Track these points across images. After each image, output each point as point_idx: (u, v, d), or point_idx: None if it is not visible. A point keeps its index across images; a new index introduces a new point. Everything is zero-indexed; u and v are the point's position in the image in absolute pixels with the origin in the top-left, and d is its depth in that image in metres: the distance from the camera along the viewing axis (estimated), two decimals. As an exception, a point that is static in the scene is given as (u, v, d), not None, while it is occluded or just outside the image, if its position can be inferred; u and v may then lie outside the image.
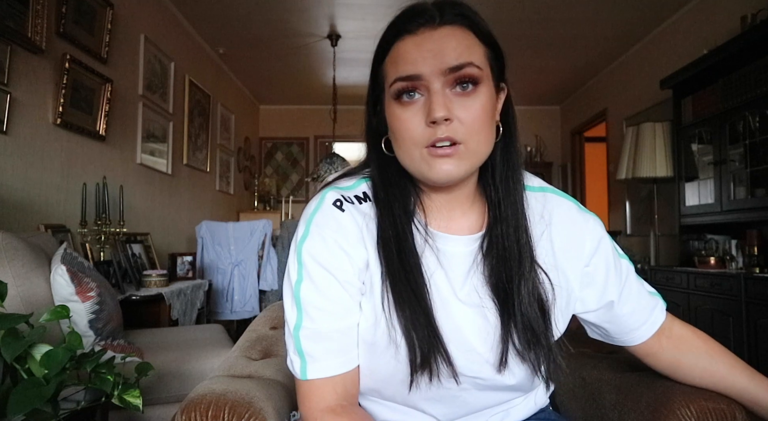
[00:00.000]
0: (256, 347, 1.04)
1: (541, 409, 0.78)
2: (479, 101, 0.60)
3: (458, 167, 0.60)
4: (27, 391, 0.85)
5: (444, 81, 0.59)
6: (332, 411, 0.62)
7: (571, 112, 6.01)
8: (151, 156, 3.28)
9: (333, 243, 0.64)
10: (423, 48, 0.60)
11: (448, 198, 0.68)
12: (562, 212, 0.71)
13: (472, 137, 0.60)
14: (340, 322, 0.64)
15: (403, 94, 0.61)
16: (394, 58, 0.62)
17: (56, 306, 1.01)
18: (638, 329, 0.74)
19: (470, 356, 0.65)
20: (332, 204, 0.66)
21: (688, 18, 3.63)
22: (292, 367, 0.65)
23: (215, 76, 4.63)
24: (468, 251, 0.67)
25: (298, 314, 0.64)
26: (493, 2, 3.56)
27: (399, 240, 0.64)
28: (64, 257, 1.61)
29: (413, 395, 0.66)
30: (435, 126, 0.59)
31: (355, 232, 0.65)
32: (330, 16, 3.83)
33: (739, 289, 2.50)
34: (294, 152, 6.32)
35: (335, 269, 0.63)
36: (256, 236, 3.45)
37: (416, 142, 0.60)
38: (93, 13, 2.56)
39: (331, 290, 0.63)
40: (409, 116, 0.60)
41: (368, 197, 0.68)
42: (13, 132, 2.03)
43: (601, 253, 0.71)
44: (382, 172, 0.68)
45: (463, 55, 0.59)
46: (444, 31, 0.60)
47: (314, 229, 0.65)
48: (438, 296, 0.65)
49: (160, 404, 1.61)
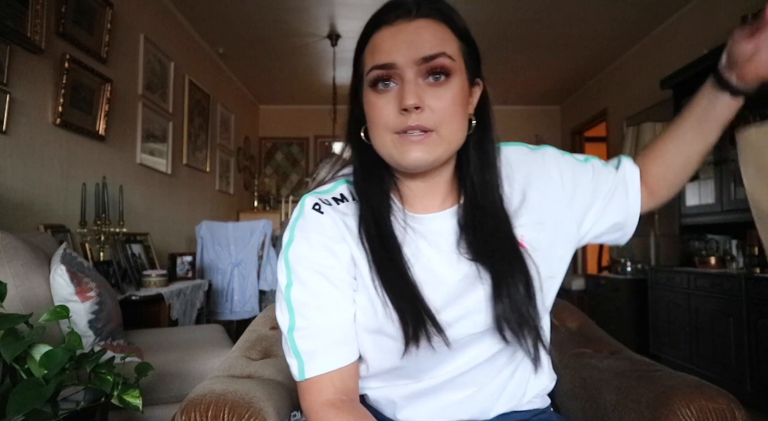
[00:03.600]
0: (256, 347, 1.03)
1: (542, 409, 0.78)
2: (450, 92, 0.63)
3: (429, 154, 0.63)
4: (26, 391, 0.85)
5: (417, 70, 0.62)
6: (332, 405, 0.64)
7: (571, 112, 6.01)
8: (150, 156, 3.28)
9: (317, 243, 0.67)
10: (398, 38, 0.63)
11: (426, 186, 0.70)
12: (519, 160, 0.74)
13: (443, 125, 0.63)
14: (333, 317, 0.66)
15: (378, 82, 0.64)
16: (371, 47, 0.65)
17: (56, 306, 1.01)
18: (631, 193, 0.76)
19: (465, 322, 0.67)
20: (312, 208, 0.69)
21: (688, 18, 3.63)
22: (291, 370, 0.66)
23: (215, 76, 4.63)
24: (449, 227, 0.70)
25: (290, 317, 0.66)
26: (493, 2, 3.56)
27: (378, 224, 0.67)
28: (64, 257, 1.61)
29: (413, 363, 0.67)
30: (407, 114, 0.61)
31: (335, 230, 0.68)
32: (330, 16, 3.83)
33: (740, 289, 2.50)
34: (294, 152, 6.32)
35: (323, 267, 0.66)
36: (256, 236, 3.45)
37: (388, 129, 0.63)
38: (93, 13, 2.56)
39: (320, 287, 0.66)
40: (383, 103, 0.63)
41: (345, 198, 0.72)
42: (12, 132, 2.03)
43: (566, 171, 0.74)
44: (361, 160, 0.71)
45: (436, 46, 0.62)
46: (419, 23, 0.63)
47: (298, 233, 0.68)
48: (429, 272, 0.68)
49: (160, 404, 1.61)
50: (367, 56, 0.66)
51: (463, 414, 0.72)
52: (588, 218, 0.75)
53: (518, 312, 0.65)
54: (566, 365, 1.00)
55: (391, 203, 0.70)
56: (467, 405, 0.72)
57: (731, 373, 2.54)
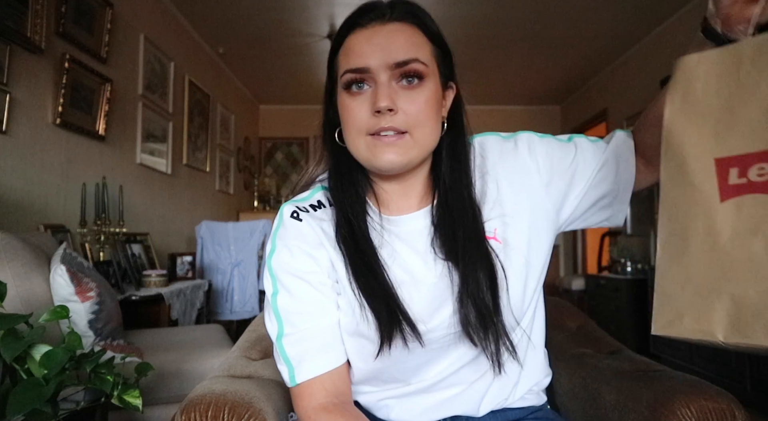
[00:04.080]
0: (256, 347, 1.03)
1: (538, 407, 0.78)
2: (423, 95, 0.64)
3: (402, 156, 0.64)
4: (26, 391, 0.85)
5: (390, 74, 0.63)
6: (324, 409, 0.64)
7: (571, 112, 6.01)
8: (150, 156, 3.28)
9: (297, 250, 0.68)
10: (372, 42, 0.64)
11: (400, 188, 0.71)
12: (492, 151, 0.73)
13: (416, 128, 0.63)
14: (320, 321, 0.67)
15: (352, 85, 0.64)
16: (345, 50, 0.66)
17: (56, 306, 1.01)
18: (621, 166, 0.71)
19: (436, 322, 0.67)
20: (290, 217, 0.71)
21: (688, 18, 3.63)
22: (283, 377, 0.68)
23: (215, 75, 4.63)
24: (423, 226, 0.70)
25: (278, 324, 0.67)
26: (493, 2, 3.56)
27: (353, 227, 0.68)
28: (64, 257, 1.61)
29: (393, 365, 0.68)
30: (380, 116, 0.62)
31: (314, 237, 0.69)
32: (330, 16, 3.82)
33: (739, 289, 2.50)
34: (294, 152, 6.32)
35: (305, 273, 0.68)
36: (256, 236, 3.45)
37: (361, 131, 0.64)
38: (92, 13, 2.56)
39: (304, 293, 0.67)
40: (356, 105, 0.64)
41: (322, 204, 0.73)
42: (12, 132, 2.03)
43: (541, 156, 0.71)
44: (336, 163, 0.72)
45: (410, 51, 0.63)
46: (393, 26, 0.64)
47: (279, 242, 0.70)
48: (407, 272, 0.68)
49: (159, 404, 1.61)
50: (341, 59, 0.67)
51: (454, 410, 0.72)
52: (569, 201, 0.72)
53: (480, 313, 0.64)
54: (566, 365, 1.00)
55: (366, 207, 0.71)
56: (457, 402, 0.72)
57: (731, 373, 2.53)
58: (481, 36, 4.10)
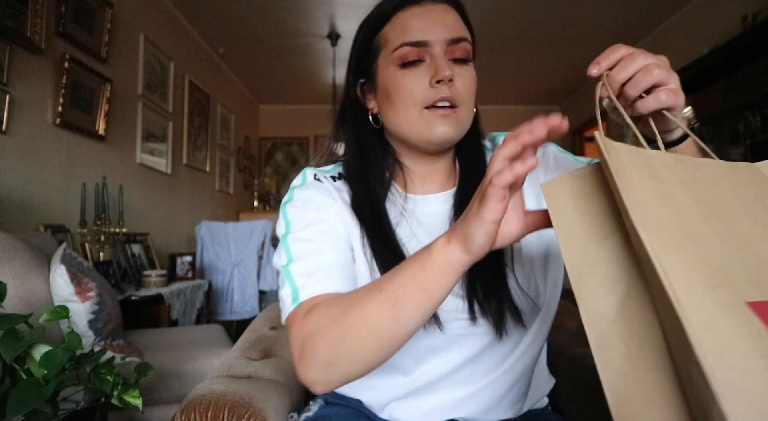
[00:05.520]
0: (256, 347, 1.03)
1: (540, 409, 0.78)
2: (471, 74, 0.67)
3: (456, 129, 0.66)
4: (26, 391, 0.85)
5: (446, 49, 0.65)
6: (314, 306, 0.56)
7: (571, 112, 6.01)
8: (150, 156, 3.28)
9: (314, 201, 0.68)
10: (429, 18, 0.65)
11: (428, 169, 0.73)
12: None
13: (464, 105, 0.66)
14: (331, 254, 0.62)
15: (408, 58, 0.65)
16: (398, 25, 0.67)
17: (56, 306, 1.01)
18: None
19: (450, 306, 0.66)
20: (313, 178, 0.72)
21: (688, 18, 3.63)
22: (283, 303, 0.59)
23: (215, 76, 4.63)
24: (445, 210, 0.71)
25: (287, 254, 0.63)
26: (494, 2, 3.56)
27: (372, 205, 0.68)
28: (64, 257, 1.61)
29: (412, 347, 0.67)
30: (438, 87, 0.64)
31: (332, 198, 0.69)
32: (330, 16, 3.82)
33: (739, 289, 2.49)
34: (294, 152, 6.32)
35: (319, 221, 0.65)
36: (256, 236, 3.45)
37: (417, 103, 0.65)
38: (92, 13, 2.55)
39: (318, 231, 0.64)
40: (412, 78, 0.65)
41: (342, 177, 0.74)
42: (12, 132, 2.03)
43: (551, 158, 0.74)
44: (362, 143, 0.73)
45: (461, 30, 0.67)
46: (444, 7, 0.67)
47: (297, 193, 0.69)
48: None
49: (159, 404, 1.61)
50: (392, 34, 0.67)
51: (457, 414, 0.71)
52: None
53: (483, 282, 0.65)
54: (566, 365, 1.00)
55: (388, 184, 0.72)
56: (461, 407, 0.70)
57: (731, 373, 2.53)
58: (481, 36, 4.09)
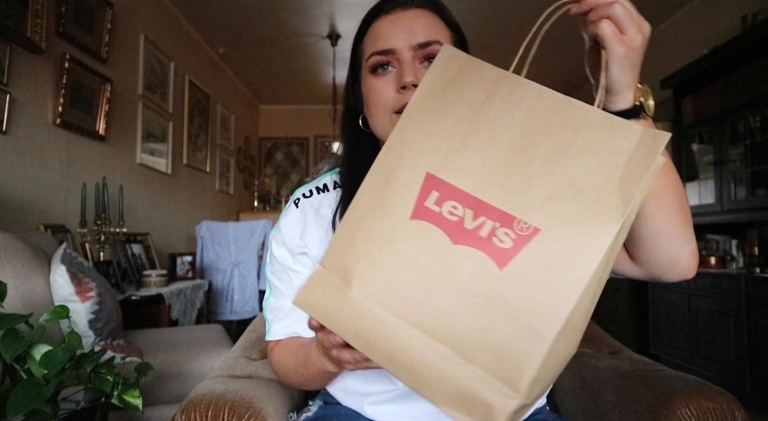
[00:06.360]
0: (256, 347, 1.03)
1: (538, 409, 0.78)
2: None
3: None
4: (26, 391, 0.85)
5: (413, 55, 0.67)
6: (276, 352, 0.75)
7: (571, 112, 6.00)
8: (150, 156, 3.28)
9: (288, 231, 0.77)
10: (396, 25, 0.68)
11: None
12: None
13: None
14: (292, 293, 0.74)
15: (378, 66, 0.69)
16: (371, 35, 0.71)
17: (56, 306, 1.01)
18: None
19: None
20: (294, 203, 0.79)
21: (688, 18, 3.63)
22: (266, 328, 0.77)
23: (215, 75, 4.63)
24: None
25: (268, 289, 0.78)
26: (494, 2, 3.56)
27: None
28: (64, 257, 1.61)
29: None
30: (404, 92, 0.66)
31: (301, 224, 0.76)
32: (330, 16, 3.82)
33: (740, 289, 2.50)
34: (294, 152, 6.32)
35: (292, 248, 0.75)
36: (256, 236, 3.45)
37: (386, 108, 0.68)
38: (92, 13, 2.56)
39: (286, 263, 0.76)
40: (382, 85, 0.68)
41: (327, 188, 0.79)
42: (12, 132, 2.03)
43: None
44: (354, 148, 0.77)
45: (431, 34, 0.68)
46: (414, 12, 0.69)
47: (281, 220, 0.79)
48: None
49: (160, 404, 1.61)
50: (367, 44, 0.71)
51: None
52: None
53: None
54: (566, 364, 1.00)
55: None
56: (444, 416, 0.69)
57: (731, 373, 2.54)
58: (481, 36, 4.10)
